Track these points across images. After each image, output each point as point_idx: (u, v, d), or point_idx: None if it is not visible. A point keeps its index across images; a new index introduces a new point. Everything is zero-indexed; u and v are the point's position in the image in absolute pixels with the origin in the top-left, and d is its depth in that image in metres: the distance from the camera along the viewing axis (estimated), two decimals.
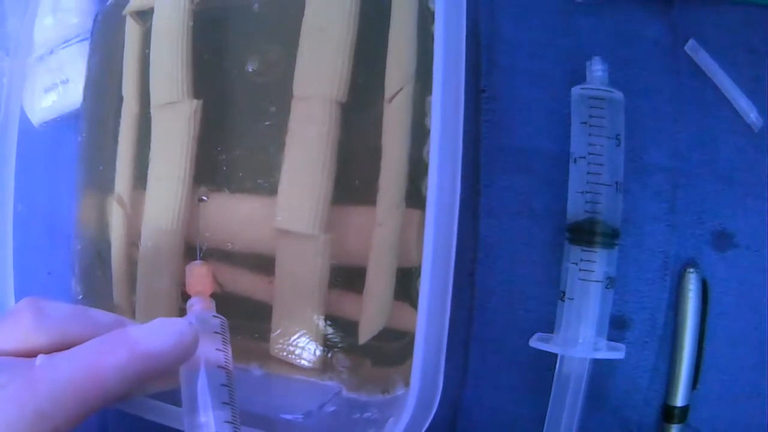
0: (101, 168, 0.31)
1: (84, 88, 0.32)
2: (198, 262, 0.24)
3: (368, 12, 0.27)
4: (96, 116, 0.32)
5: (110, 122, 0.32)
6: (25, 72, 0.34)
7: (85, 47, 0.34)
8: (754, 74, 0.28)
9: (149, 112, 0.30)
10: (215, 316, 0.23)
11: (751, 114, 0.28)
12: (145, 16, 0.31)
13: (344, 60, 0.26)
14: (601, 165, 0.26)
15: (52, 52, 0.35)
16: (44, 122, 0.34)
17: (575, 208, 0.26)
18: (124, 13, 0.31)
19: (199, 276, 0.24)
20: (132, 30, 0.31)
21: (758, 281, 0.27)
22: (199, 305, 0.24)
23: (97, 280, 0.32)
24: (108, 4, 0.33)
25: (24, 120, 0.32)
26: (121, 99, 0.31)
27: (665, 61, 0.28)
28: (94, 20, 0.33)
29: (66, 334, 0.21)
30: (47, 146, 0.34)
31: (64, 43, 0.35)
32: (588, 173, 0.26)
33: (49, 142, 0.34)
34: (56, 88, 0.35)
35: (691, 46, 0.28)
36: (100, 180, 0.32)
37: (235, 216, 0.28)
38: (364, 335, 0.26)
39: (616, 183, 0.26)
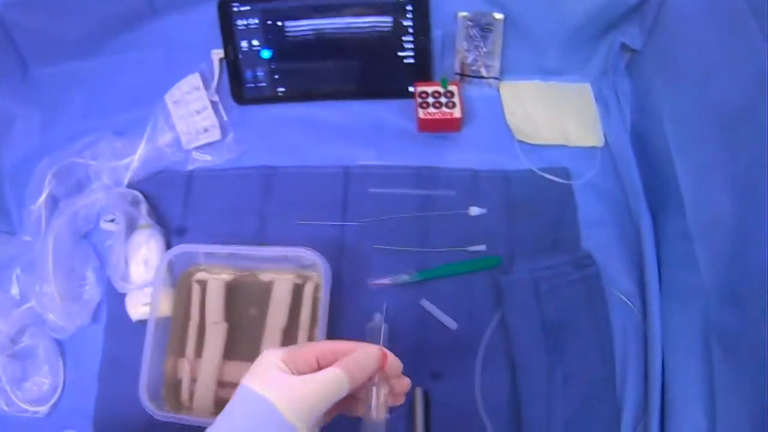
0: (178, 348, 0.77)
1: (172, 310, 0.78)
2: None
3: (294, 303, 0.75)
4: (176, 330, 0.78)
5: (184, 325, 0.78)
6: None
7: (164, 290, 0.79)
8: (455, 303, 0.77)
9: (204, 325, 0.76)
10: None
11: (451, 326, 0.77)
12: (201, 282, 0.78)
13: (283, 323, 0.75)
14: None
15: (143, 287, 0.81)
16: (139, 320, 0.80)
17: None
18: (191, 280, 0.78)
19: None
20: (195, 288, 0.78)
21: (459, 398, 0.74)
22: None
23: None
24: (181, 273, 0.79)
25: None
26: (189, 317, 0.77)
27: (413, 309, 0.77)
28: (175, 281, 0.79)
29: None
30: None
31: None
32: None
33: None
34: (146, 306, 0.80)
35: (424, 302, 0.77)
36: (177, 353, 0.77)
37: (238, 369, 0.75)
38: None
39: None
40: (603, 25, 0.83)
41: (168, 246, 0.83)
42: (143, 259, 0.80)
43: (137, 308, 0.79)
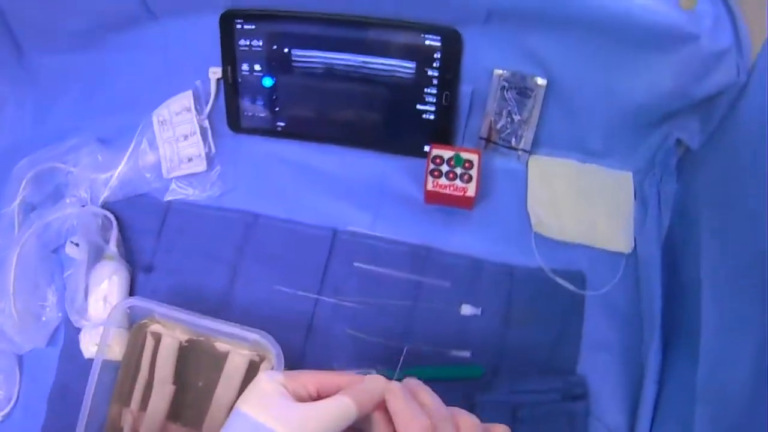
0: (125, 396, 0.73)
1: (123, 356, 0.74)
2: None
3: (246, 381, 0.69)
4: (125, 378, 0.73)
5: (133, 375, 0.73)
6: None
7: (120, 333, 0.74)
8: None
9: (153, 383, 0.71)
10: None
11: None
12: (156, 336, 0.73)
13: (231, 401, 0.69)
14: None
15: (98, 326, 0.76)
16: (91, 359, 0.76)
17: None
18: (146, 331, 0.73)
19: None
20: (149, 340, 0.73)
21: None
22: None
23: None
24: (137, 321, 0.74)
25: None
26: (139, 368, 0.73)
27: None
28: (130, 326, 0.74)
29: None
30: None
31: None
32: None
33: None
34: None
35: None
36: (123, 401, 0.73)
37: None
38: None
39: None
40: (661, 114, 0.70)
41: (132, 282, 0.78)
42: (103, 295, 0.75)
43: (90, 346, 0.75)
